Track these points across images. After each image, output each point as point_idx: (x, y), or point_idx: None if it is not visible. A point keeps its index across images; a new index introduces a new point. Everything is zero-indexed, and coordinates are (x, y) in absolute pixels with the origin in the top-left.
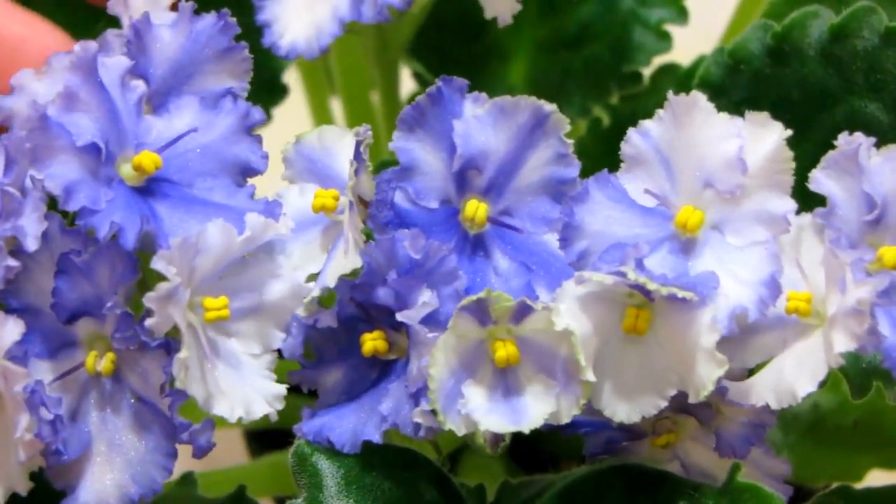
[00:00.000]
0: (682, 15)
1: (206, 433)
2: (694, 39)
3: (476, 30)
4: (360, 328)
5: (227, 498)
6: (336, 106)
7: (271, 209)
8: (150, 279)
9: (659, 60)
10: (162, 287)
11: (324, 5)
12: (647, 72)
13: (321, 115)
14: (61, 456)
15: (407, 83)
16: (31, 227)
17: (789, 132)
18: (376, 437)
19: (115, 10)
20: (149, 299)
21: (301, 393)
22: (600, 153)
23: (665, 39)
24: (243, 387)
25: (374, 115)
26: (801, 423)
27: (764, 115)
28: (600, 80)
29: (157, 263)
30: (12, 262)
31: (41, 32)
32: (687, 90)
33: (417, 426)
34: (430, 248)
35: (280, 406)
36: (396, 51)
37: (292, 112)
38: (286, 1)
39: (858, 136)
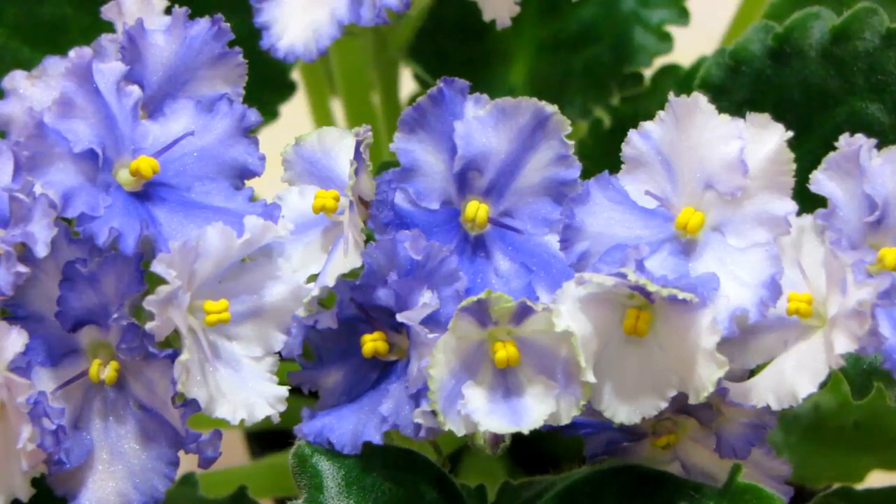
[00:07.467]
0: (683, 16)
1: (214, 444)
2: (695, 40)
3: (476, 31)
4: (360, 329)
5: (227, 498)
6: (337, 107)
7: (270, 212)
8: (150, 283)
9: (660, 61)
10: (162, 290)
11: (322, 7)
12: (647, 73)
13: (322, 117)
14: (63, 465)
15: (407, 84)
16: (41, 233)
17: (790, 133)
18: (377, 438)
19: (109, 15)
20: (149, 302)
21: (302, 394)
22: (601, 154)
23: (666, 40)
24: (245, 389)
25: (374, 116)
26: (801, 424)
27: (765, 117)
28: (601, 81)
29: (157, 267)
30: (22, 269)
31: None
32: (688, 91)
33: (418, 427)
34: (431, 249)
35: (282, 408)
36: (395, 52)
37: (293, 113)
38: (284, 3)
39: (859, 138)
